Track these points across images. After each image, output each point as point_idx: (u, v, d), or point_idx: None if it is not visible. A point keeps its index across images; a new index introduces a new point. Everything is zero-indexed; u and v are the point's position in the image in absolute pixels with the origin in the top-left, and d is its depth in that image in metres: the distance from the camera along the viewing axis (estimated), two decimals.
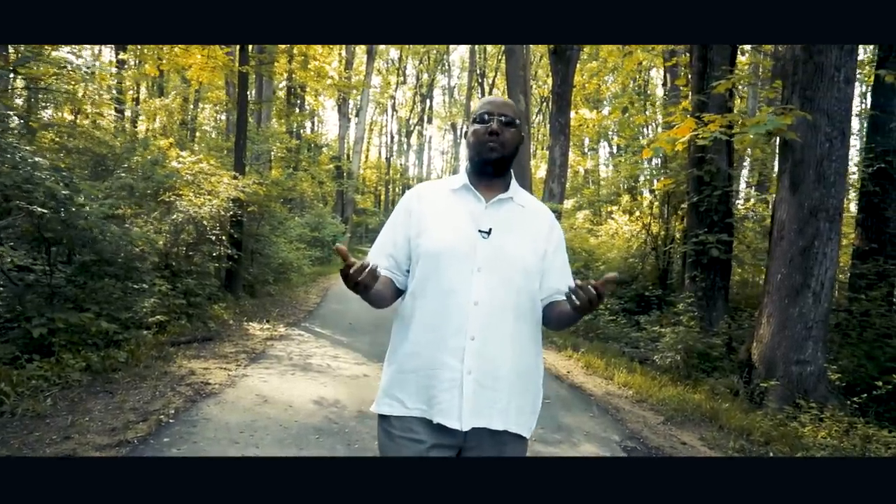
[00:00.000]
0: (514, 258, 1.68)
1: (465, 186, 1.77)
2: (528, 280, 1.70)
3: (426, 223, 1.72)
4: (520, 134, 1.78)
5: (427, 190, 1.82)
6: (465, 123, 1.81)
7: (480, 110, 1.76)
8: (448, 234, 1.69)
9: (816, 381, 5.69)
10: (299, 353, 6.59)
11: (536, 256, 1.73)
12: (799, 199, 5.76)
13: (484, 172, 1.75)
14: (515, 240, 1.71)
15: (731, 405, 5.49)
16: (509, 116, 1.74)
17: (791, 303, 5.78)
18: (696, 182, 8.62)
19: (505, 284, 1.65)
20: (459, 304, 1.61)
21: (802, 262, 5.73)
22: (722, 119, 5.82)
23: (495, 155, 1.72)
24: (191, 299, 7.59)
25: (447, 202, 1.76)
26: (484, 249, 1.66)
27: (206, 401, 4.51)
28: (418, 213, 1.75)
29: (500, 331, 1.63)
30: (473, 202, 1.74)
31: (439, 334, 1.62)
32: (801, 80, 5.74)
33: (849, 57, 5.69)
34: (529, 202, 1.82)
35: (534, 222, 1.78)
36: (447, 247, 1.66)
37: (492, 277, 1.64)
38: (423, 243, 1.70)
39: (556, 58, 12.89)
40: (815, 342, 5.73)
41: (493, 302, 1.63)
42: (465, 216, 1.71)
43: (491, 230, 1.69)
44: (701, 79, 8.66)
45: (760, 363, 5.97)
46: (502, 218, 1.72)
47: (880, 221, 8.16)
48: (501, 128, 1.72)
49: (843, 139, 5.73)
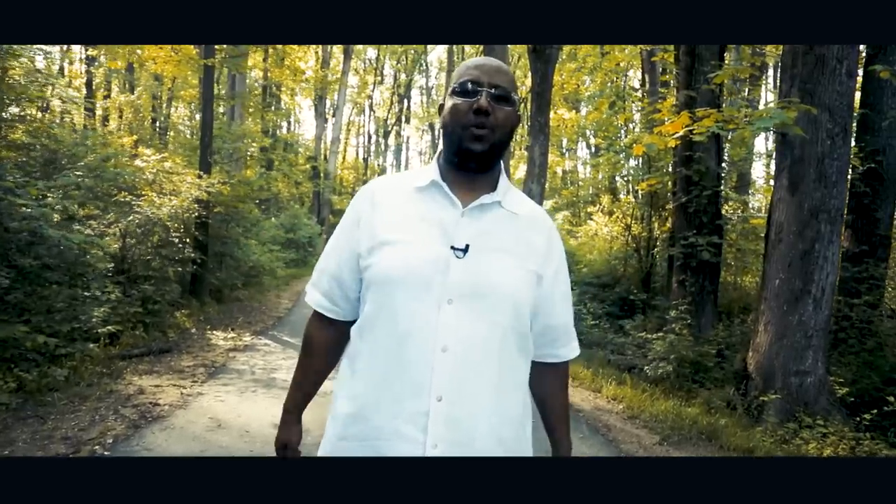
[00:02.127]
0: (499, 286, 1.20)
1: (434, 184, 1.27)
2: (517, 317, 1.22)
3: (379, 235, 1.24)
4: (516, 112, 1.28)
5: (384, 188, 1.32)
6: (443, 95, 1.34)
7: (464, 77, 1.25)
8: (407, 251, 1.21)
9: (817, 393, 5.35)
10: (263, 366, 6.08)
11: (529, 283, 1.25)
12: (798, 199, 5.41)
13: (463, 167, 1.27)
14: (502, 260, 1.23)
15: (728, 421, 5.12)
16: (504, 88, 1.24)
17: (790, 310, 5.43)
18: (685, 182, 8.28)
19: (486, 323, 1.18)
20: (421, 351, 1.15)
21: (802, 267, 5.38)
22: (718, 114, 5.45)
23: (480, 147, 1.22)
24: (149, 307, 7.05)
25: (409, 206, 1.27)
26: (457, 274, 1.18)
27: (151, 426, 4.00)
28: (370, 222, 1.27)
29: (477, 387, 1.17)
30: (446, 207, 1.25)
31: (393, 392, 1.16)
32: (801, 72, 5.40)
33: (851, 49, 5.36)
34: (524, 206, 1.33)
35: (528, 235, 1.29)
36: (405, 270, 1.19)
37: (467, 313, 1.17)
38: (374, 265, 1.22)
39: (536, 56, 12.54)
40: (815, 351, 5.39)
41: (469, 347, 1.16)
42: (434, 227, 1.23)
43: (468, 247, 1.20)
44: (689, 74, 8.32)
45: (757, 374, 5.62)
46: (485, 229, 1.24)
47: (871, 223, 7.89)
48: (493, 105, 1.22)
49: (845, 136, 5.40)
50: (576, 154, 30.81)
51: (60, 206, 5.67)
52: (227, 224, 10.76)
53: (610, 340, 8.96)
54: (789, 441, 4.72)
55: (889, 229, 8.40)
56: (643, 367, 6.83)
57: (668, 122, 5.60)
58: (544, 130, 12.74)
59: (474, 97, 1.22)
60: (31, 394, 4.34)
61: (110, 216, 7.15)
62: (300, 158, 27.23)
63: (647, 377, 6.50)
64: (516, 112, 1.29)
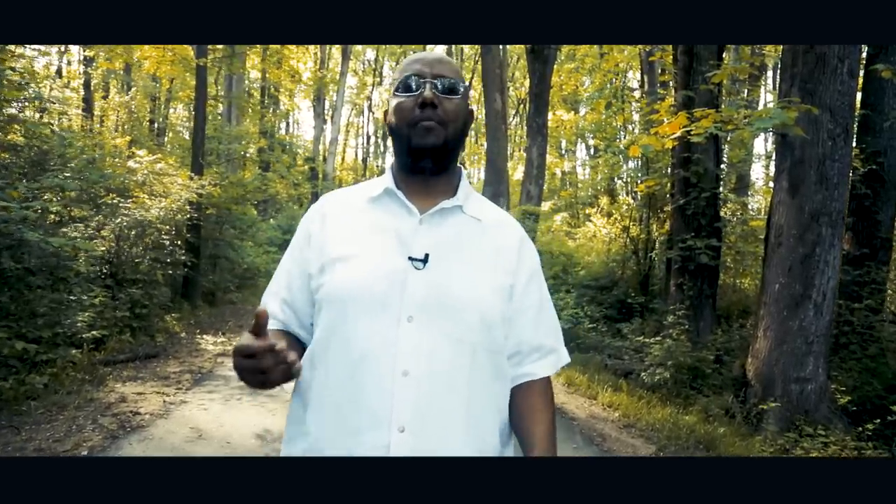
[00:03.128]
0: (464, 299, 1.08)
1: (388, 192, 1.16)
2: (487, 333, 1.09)
3: (330, 252, 1.12)
4: (467, 105, 1.18)
5: (334, 202, 1.21)
6: (385, 98, 1.20)
7: (406, 72, 1.14)
8: (360, 265, 1.09)
9: (818, 401, 5.22)
10: None
11: (499, 294, 1.12)
12: (799, 202, 5.28)
13: (417, 169, 1.15)
14: (466, 270, 1.11)
15: (727, 430, 4.98)
16: (449, 79, 1.14)
17: (790, 315, 5.30)
18: (683, 183, 8.14)
19: (451, 341, 1.05)
20: (379, 377, 1.02)
21: (803, 271, 5.25)
22: (716, 114, 5.32)
23: (433, 140, 1.11)
24: (137, 311, 6.91)
25: (362, 218, 1.16)
26: (417, 287, 1.06)
27: (129, 437, 3.86)
28: (320, 239, 1.15)
29: (445, 415, 1.04)
30: (401, 215, 1.14)
31: (349, 425, 1.03)
32: (802, 71, 5.27)
33: (853, 48, 5.23)
34: (487, 212, 1.21)
35: (494, 242, 1.17)
36: (358, 286, 1.07)
37: (430, 331, 1.04)
38: (326, 284, 1.10)
39: (534, 57, 12.50)
40: (815, 358, 5.26)
41: (434, 370, 1.03)
42: (389, 237, 1.12)
43: (427, 257, 1.09)
44: (687, 74, 8.19)
45: (757, 380, 5.49)
46: (446, 238, 1.13)
47: (871, 225, 7.76)
48: (439, 96, 1.12)
49: (847, 137, 5.28)
50: (574, 155, 30.73)
51: (43, 208, 5.54)
52: (221, 226, 10.64)
53: (607, 344, 8.83)
54: (790, 451, 4.59)
55: (890, 232, 8.27)
56: (640, 373, 6.69)
57: (665, 123, 5.47)
58: (542, 131, 12.70)
59: (418, 91, 1.12)
60: (8, 402, 4.21)
61: (98, 219, 7.02)
62: (298, 159, 27.09)
63: (644, 383, 6.37)
64: (467, 105, 1.18)
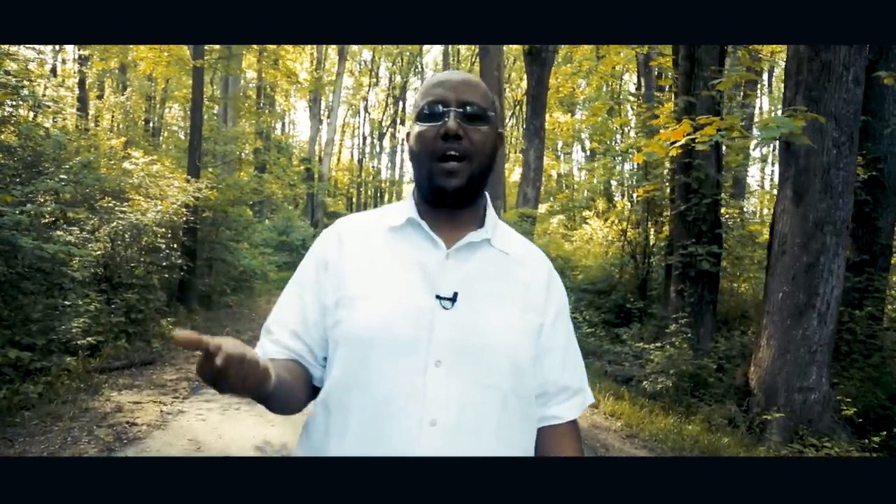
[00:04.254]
0: (496, 342, 1.00)
1: (411, 222, 1.08)
2: (519, 378, 1.02)
3: (348, 285, 1.04)
4: (496, 132, 1.08)
5: (352, 228, 1.12)
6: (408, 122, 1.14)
7: (429, 96, 1.05)
8: (384, 303, 1.01)
9: (821, 411, 5.19)
10: None
11: (529, 336, 1.04)
12: (803, 210, 5.24)
13: (440, 204, 1.07)
14: (496, 310, 1.03)
15: (731, 440, 4.94)
16: (477, 104, 1.04)
17: (794, 324, 5.26)
18: (684, 189, 8.11)
19: (481, 387, 0.98)
20: (405, 426, 0.95)
21: (807, 280, 5.22)
22: (720, 122, 5.28)
23: (455, 183, 1.02)
24: (132, 316, 6.83)
25: (384, 249, 1.07)
26: (445, 329, 0.98)
27: (125, 450, 3.79)
28: (337, 269, 1.07)
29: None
30: (427, 248, 1.06)
31: None
32: (807, 79, 5.23)
33: (858, 55, 5.20)
34: (514, 244, 1.13)
35: (523, 277, 1.09)
36: (382, 326, 0.99)
37: (459, 377, 0.97)
38: (344, 320, 1.02)
39: (532, 59, 12.45)
40: (819, 367, 5.23)
41: (462, 419, 0.96)
42: (414, 272, 1.03)
43: (456, 295, 1.01)
44: (688, 79, 8.15)
45: (760, 390, 5.45)
46: (474, 274, 1.04)
47: (872, 232, 7.74)
48: (464, 126, 1.02)
49: (852, 145, 5.25)
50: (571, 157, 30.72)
51: (37, 212, 5.45)
52: (217, 228, 10.55)
53: (606, 350, 8.77)
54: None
55: (890, 238, 8.24)
56: (641, 380, 6.65)
57: (669, 130, 5.42)
58: (539, 134, 12.65)
59: (441, 120, 1.03)
60: (1, 413, 4.12)
61: (93, 222, 6.93)
62: (294, 160, 26.98)
63: (645, 391, 6.32)
64: (496, 130, 1.08)
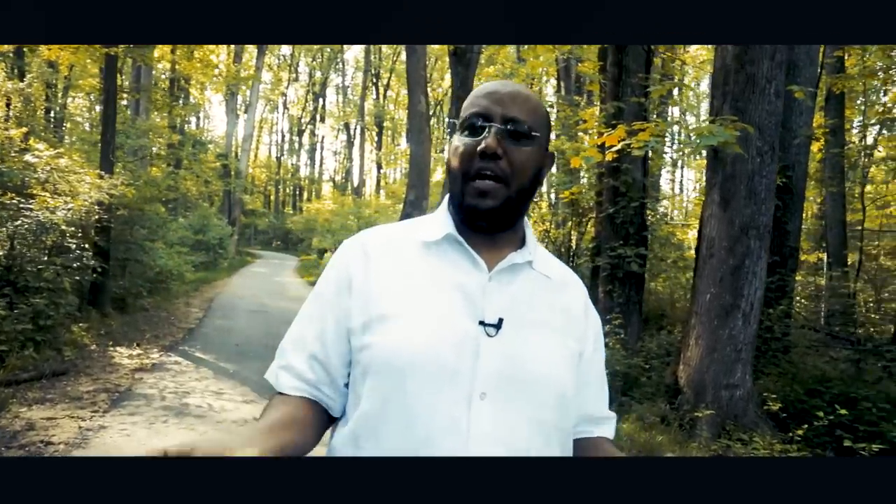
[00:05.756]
0: (541, 375, 0.92)
1: (449, 239, 0.98)
2: (562, 410, 0.95)
3: (379, 306, 0.94)
4: (542, 152, 0.99)
5: (379, 242, 1.01)
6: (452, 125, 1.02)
7: (473, 108, 0.96)
8: (424, 327, 0.91)
9: (745, 406, 5.44)
10: (174, 389, 5.52)
11: (572, 367, 0.97)
12: (730, 215, 5.48)
13: (471, 224, 0.98)
14: (541, 339, 0.95)
15: (665, 437, 5.10)
16: (523, 122, 0.94)
17: (721, 324, 5.49)
18: (612, 192, 8.33)
19: (527, 422, 0.90)
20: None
21: (733, 282, 5.45)
22: (654, 128, 5.44)
23: (489, 203, 0.93)
24: (40, 322, 6.30)
25: (420, 266, 0.97)
26: (491, 358, 0.90)
27: None
28: (364, 288, 0.96)
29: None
30: (467, 269, 0.96)
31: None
32: (733, 90, 5.47)
33: (779, 69, 5.48)
34: (553, 268, 1.05)
35: (564, 303, 1.02)
36: (420, 353, 0.89)
37: (506, 411, 0.89)
38: (376, 345, 0.91)
39: (457, 59, 12.45)
40: (743, 365, 5.48)
41: (509, 456, 0.88)
42: (455, 294, 0.94)
43: (501, 322, 0.92)
44: (616, 85, 8.38)
45: (689, 387, 5.65)
46: (518, 298, 0.96)
47: (782, 235, 8.23)
48: (505, 144, 0.93)
49: (773, 154, 5.53)
50: None
51: None
52: (132, 227, 9.95)
53: None
54: (724, 456, 4.74)
55: (797, 241, 8.81)
56: None
57: (605, 135, 5.53)
58: None
59: (481, 135, 0.93)
60: None
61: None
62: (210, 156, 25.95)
63: None
64: (543, 150, 0.99)
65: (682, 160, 30.55)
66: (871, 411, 5.00)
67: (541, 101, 1.01)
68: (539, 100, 1.01)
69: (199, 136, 27.08)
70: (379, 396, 0.90)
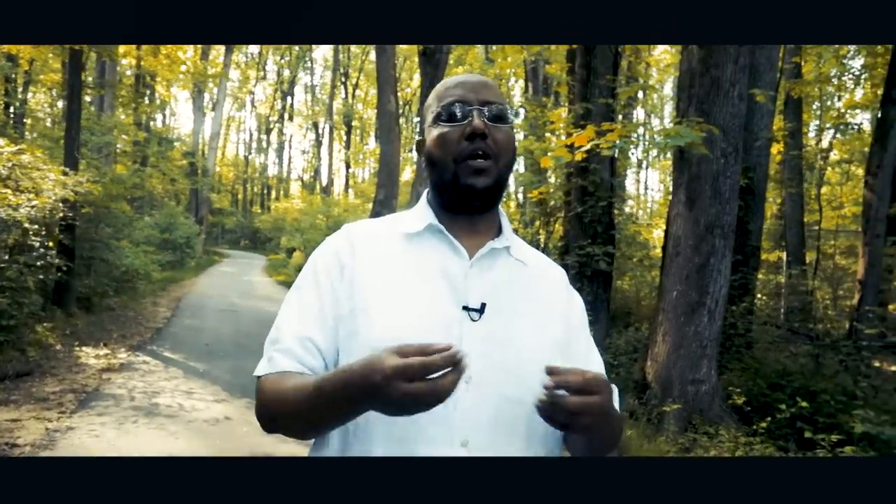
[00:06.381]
0: (525, 357, 0.96)
1: (431, 229, 1.03)
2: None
3: (365, 293, 0.97)
4: (514, 133, 1.06)
5: (364, 234, 1.06)
6: (423, 122, 1.10)
7: (448, 98, 1.02)
8: (409, 314, 0.95)
9: (711, 400, 5.59)
10: (143, 388, 5.45)
11: (556, 349, 1.01)
12: (695, 214, 5.63)
13: (465, 208, 1.03)
14: (523, 322, 1.00)
15: (633, 432, 5.21)
16: (497, 104, 1.01)
17: (687, 321, 5.64)
18: (580, 192, 8.46)
19: (512, 405, 0.94)
20: (435, 450, 0.89)
21: (698, 280, 5.60)
22: (622, 129, 5.56)
23: (484, 181, 0.99)
24: (3, 322, 6.16)
25: (403, 256, 1.02)
26: (475, 342, 0.93)
27: None
28: (352, 275, 1.00)
29: None
30: (449, 256, 1.01)
31: None
32: (699, 93, 5.62)
33: (742, 73, 5.64)
34: (529, 254, 1.10)
35: (544, 288, 1.07)
36: (407, 338, 0.88)
37: (491, 395, 0.93)
38: (363, 331, 0.95)
39: (426, 59, 12.46)
40: (709, 360, 5.63)
41: (495, 439, 0.91)
42: (438, 281, 0.99)
43: (484, 307, 0.96)
44: (584, 87, 8.52)
45: (656, 383, 5.79)
46: (499, 284, 1.01)
47: (744, 235, 8.46)
48: (489, 125, 0.99)
49: (737, 155, 5.69)
50: None
51: None
52: (97, 225, 9.76)
53: None
54: (691, 449, 4.87)
55: (759, 240, 9.06)
56: None
57: (575, 135, 5.63)
58: None
59: (465, 120, 0.99)
60: None
61: None
62: (176, 153, 25.51)
63: None
64: (512, 130, 1.06)
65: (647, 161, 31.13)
66: (829, 403, 5.19)
67: (498, 89, 1.08)
68: (498, 89, 1.07)
69: (166, 134, 26.55)
70: None
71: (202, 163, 28.26)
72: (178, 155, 25.60)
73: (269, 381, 0.97)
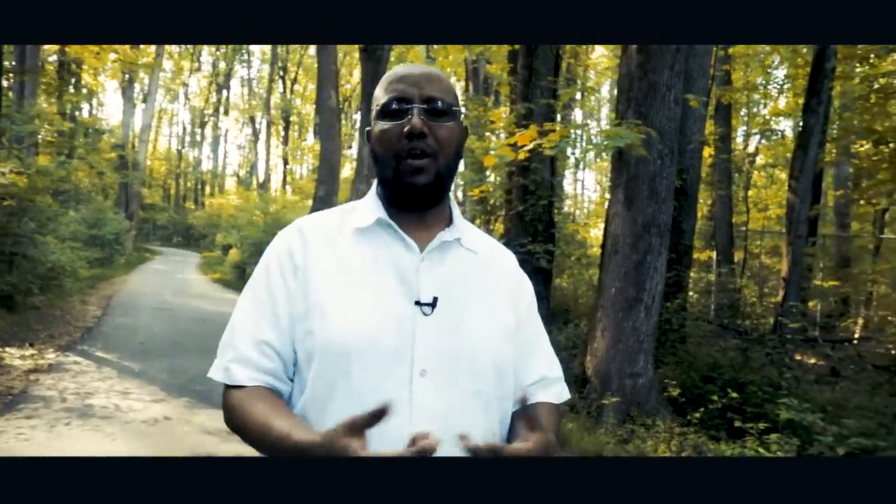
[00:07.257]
0: (478, 349, 0.99)
1: (380, 223, 1.03)
2: (500, 381, 1.01)
3: (319, 292, 0.98)
4: (461, 126, 1.06)
5: (313, 229, 1.06)
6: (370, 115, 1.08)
7: (389, 94, 1.02)
8: (363, 311, 0.96)
9: (648, 393, 5.80)
10: (76, 390, 5.22)
11: (508, 338, 1.04)
12: (633, 214, 5.82)
13: (408, 206, 1.04)
14: (475, 314, 1.01)
15: (574, 425, 5.35)
16: (440, 99, 1.01)
17: (625, 316, 5.83)
18: (521, 191, 8.62)
19: (467, 395, 0.96)
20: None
21: (636, 277, 5.80)
22: (564, 129, 5.70)
23: (423, 179, 0.99)
24: None
25: (354, 252, 1.02)
26: (429, 336, 0.96)
27: None
28: (305, 273, 1.00)
29: None
30: (400, 251, 1.02)
31: None
32: (637, 96, 5.81)
33: (677, 78, 5.87)
34: (479, 241, 1.11)
35: (494, 276, 1.08)
36: (363, 336, 0.94)
37: (446, 387, 0.95)
38: (319, 331, 0.95)
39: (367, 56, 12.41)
40: (645, 355, 5.84)
41: (449, 429, 0.91)
42: (390, 277, 1.00)
43: (436, 300, 0.98)
44: (526, 87, 8.67)
45: (596, 377, 5.96)
46: (450, 277, 1.02)
47: (678, 234, 8.80)
48: (429, 123, 0.99)
49: (672, 157, 5.92)
50: None
51: None
52: (20, 219, 9.25)
53: None
54: (629, 440, 5.05)
55: (692, 239, 9.43)
56: None
57: (517, 134, 5.74)
58: None
59: (405, 118, 0.99)
60: None
61: None
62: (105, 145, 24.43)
63: None
64: (461, 125, 1.06)
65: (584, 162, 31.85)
66: (756, 394, 5.47)
67: (448, 80, 1.08)
68: (448, 78, 1.08)
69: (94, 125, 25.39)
70: (324, 381, 0.94)
71: (132, 156, 27.22)
72: (106, 147, 24.51)
73: (234, 398, 0.98)
